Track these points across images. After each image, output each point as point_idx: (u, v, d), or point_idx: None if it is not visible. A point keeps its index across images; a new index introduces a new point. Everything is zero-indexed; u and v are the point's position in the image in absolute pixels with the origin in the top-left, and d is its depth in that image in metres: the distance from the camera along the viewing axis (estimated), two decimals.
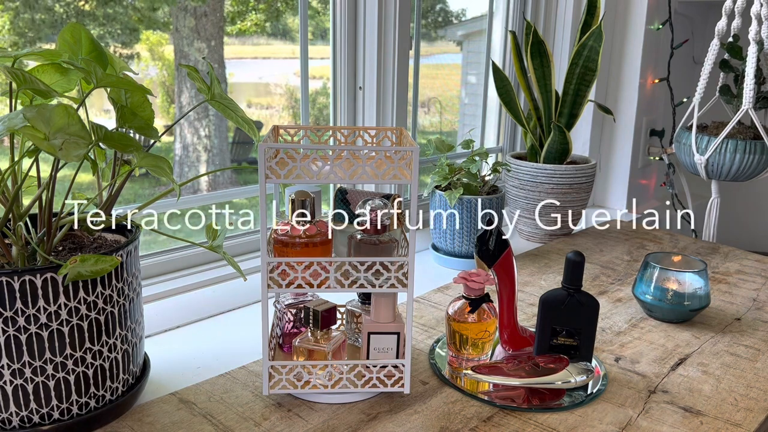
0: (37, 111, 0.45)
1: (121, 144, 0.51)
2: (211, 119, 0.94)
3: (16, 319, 0.48)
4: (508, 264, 0.67)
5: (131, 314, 0.55)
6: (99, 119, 0.51)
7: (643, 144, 1.48)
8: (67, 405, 0.51)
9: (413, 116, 1.14)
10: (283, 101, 1.05)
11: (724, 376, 0.66)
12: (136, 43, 0.82)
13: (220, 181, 0.96)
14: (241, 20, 0.93)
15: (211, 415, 0.56)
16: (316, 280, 0.55)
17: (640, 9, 1.35)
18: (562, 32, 1.34)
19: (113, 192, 0.56)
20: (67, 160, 0.49)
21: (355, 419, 0.56)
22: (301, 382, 0.57)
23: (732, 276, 0.96)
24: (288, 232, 0.56)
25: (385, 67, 1.00)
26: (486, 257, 0.67)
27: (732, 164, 1.17)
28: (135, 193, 0.89)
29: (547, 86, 1.09)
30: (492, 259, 0.67)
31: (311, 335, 0.58)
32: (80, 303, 0.50)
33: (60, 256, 0.53)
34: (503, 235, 0.67)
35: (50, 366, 0.50)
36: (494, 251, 0.66)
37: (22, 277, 0.47)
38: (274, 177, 0.52)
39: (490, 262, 0.67)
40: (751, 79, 1.11)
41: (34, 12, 0.72)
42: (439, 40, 1.29)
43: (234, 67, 0.93)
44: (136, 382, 0.57)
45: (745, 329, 0.78)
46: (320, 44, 0.99)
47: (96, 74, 0.50)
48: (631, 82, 1.39)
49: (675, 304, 0.77)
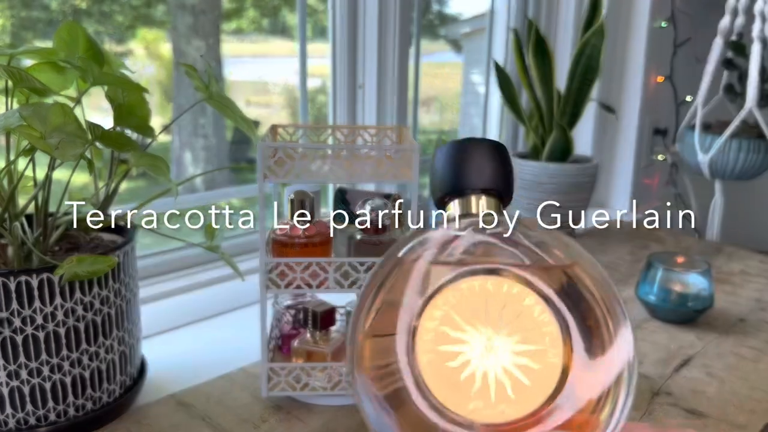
0: (34, 110, 0.45)
1: (117, 143, 0.51)
2: (210, 118, 0.93)
3: (12, 320, 0.47)
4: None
5: (128, 315, 0.55)
6: (94, 117, 0.51)
7: (647, 143, 1.47)
8: (64, 407, 0.51)
9: (414, 115, 1.13)
10: (282, 100, 1.05)
11: (728, 378, 0.65)
12: (131, 40, 0.81)
13: (219, 180, 0.96)
14: (238, 18, 0.92)
15: (209, 417, 0.55)
16: (315, 281, 0.54)
17: (642, 7, 1.35)
18: (564, 30, 1.34)
19: (110, 191, 0.55)
20: (64, 159, 0.48)
21: (355, 422, 0.55)
22: (300, 384, 0.56)
23: (736, 276, 0.96)
24: (287, 233, 0.56)
25: (386, 65, 0.99)
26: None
27: (736, 163, 1.16)
28: (133, 192, 0.88)
29: (549, 85, 1.08)
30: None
31: (310, 337, 0.57)
32: (77, 304, 0.49)
33: (56, 256, 0.53)
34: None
35: (46, 367, 0.49)
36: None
37: (18, 278, 0.46)
38: (272, 176, 0.51)
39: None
40: (755, 77, 1.11)
41: (30, 10, 0.71)
42: (441, 38, 1.28)
43: (232, 66, 0.92)
44: (134, 384, 0.57)
45: (749, 330, 0.77)
46: (320, 42, 0.99)
47: (93, 72, 0.50)
48: (634, 80, 1.39)
49: (678, 305, 0.76)
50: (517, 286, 0.21)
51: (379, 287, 0.22)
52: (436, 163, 0.24)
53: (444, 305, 0.21)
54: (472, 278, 0.21)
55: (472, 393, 0.20)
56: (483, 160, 0.23)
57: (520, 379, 0.20)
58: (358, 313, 0.22)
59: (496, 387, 0.20)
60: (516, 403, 0.20)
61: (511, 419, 0.20)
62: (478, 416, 0.20)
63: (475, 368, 0.20)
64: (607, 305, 0.21)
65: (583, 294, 0.21)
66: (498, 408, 0.20)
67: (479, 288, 0.21)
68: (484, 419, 0.20)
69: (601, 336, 0.21)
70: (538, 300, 0.21)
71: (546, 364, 0.20)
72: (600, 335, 0.21)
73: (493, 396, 0.20)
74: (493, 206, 0.23)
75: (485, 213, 0.23)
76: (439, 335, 0.21)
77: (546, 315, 0.21)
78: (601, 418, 0.20)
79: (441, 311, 0.21)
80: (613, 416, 0.21)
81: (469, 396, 0.20)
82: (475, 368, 0.20)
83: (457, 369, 0.20)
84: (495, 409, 0.20)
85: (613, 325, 0.21)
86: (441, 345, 0.21)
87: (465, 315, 0.21)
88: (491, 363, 0.20)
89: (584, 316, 0.21)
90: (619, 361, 0.21)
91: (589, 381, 0.20)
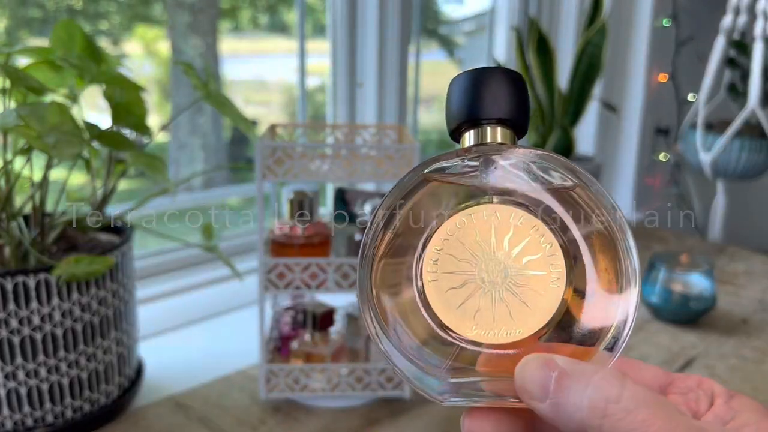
0: (31, 109, 0.44)
1: (114, 142, 0.50)
2: (208, 117, 0.93)
3: (9, 321, 0.47)
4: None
5: (126, 316, 0.55)
6: (91, 116, 0.50)
7: (649, 142, 1.46)
8: (62, 408, 0.50)
9: (414, 114, 1.13)
10: (281, 98, 1.04)
11: (730, 379, 0.64)
12: (129, 39, 0.81)
13: (217, 180, 0.95)
14: (233, 18, 0.91)
15: (207, 419, 0.55)
16: (315, 281, 0.54)
17: (645, 5, 1.34)
18: (566, 29, 1.33)
19: (108, 191, 0.55)
20: (61, 159, 0.48)
21: (355, 423, 0.55)
22: (300, 386, 0.56)
23: (739, 277, 0.95)
24: (286, 233, 0.55)
25: (386, 63, 0.99)
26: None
27: (738, 163, 1.15)
28: (133, 192, 0.88)
29: (551, 83, 1.08)
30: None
31: (309, 338, 0.57)
32: (74, 304, 0.49)
33: (54, 256, 0.52)
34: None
35: (44, 369, 0.49)
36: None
37: (15, 279, 0.46)
38: (271, 176, 0.51)
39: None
40: (758, 76, 1.10)
41: (26, 8, 0.71)
42: (441, 36, 1.28)
43: (231, 64, 0.91)
44: (131, 386, 0.56)
45: (751, 331, 0.76)
46: (320, 40, 0.98)
47: (90, 71, 0.49)
48: (636, 79, 1.38)
49: (681, 305, 0.76)
50: (524, 214, 0.22)
51: (399, 206, 0.22)
52: (450, 93, 0.24)
53: (451, 232, 0.22)
54: (480, 207, 0.22)
55: (474, 315, 0.21)
56: (498, 90, 0.23)
57: (522, 303, 0.21)
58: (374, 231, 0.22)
59: (497, 310, 0.21)
60: (517, 325, 0.21)
61: (513, 340, 0.21)
62: (480, 338, 0.21)
63: (478, 292, 0.22)
64: (612, 235, 0.22)
65: (593, 223, 0.22)
66: (500, 330, 0.21)
67: (487, 216, 0.22)
68: (484, 341, 0.21)
69: (606, 267, 0.22)
70: (543, 228, 0.22)
71: (548, 291, 0.21)
72: (605, 266, 0.22)
73: (494, 319, 0.21)
74: (508, 137, 0.23)
75: (499, 143, 0.23)
76: (444, 260, 0.22)
77: (552, 243, 0.22)
78: (601, 348, 0.21)
79: (447, 237, 0.22)
80: (615, 348, 0.22)
81: (472, 318, 0.21)
82: (477, 292, 0.22)
83: (460, 292, 0.22)
84: (497, 330, 0.21)
85: (620, 257, 0.22)
86: (445, 270, 0.22)
87: (470, 241, 0.22)
88: (494, 287, 0.22)
89: (592, 244, 0.22)
90: (625, 294, 0.21)
91: (593, 311, 0.21)
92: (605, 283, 0.22)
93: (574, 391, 0.19)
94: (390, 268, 0.22)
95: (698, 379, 0.22)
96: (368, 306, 0.22)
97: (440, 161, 0.23)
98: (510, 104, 0.23)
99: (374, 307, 0.22)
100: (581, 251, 0.22)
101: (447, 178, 0.23)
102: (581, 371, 0.19)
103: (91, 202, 0.55)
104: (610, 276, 0.22)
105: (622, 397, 0.18)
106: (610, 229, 0.22)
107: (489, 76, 0.23)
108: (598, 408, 0.19)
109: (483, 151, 0.23)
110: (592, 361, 0.21)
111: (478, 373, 0.22)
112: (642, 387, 0.19)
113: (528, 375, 0.20)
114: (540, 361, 0.20)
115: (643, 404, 0.18)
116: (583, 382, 0.19)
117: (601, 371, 0.19)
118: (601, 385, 0.19)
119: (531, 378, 0.20)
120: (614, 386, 0.19)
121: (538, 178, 0.22)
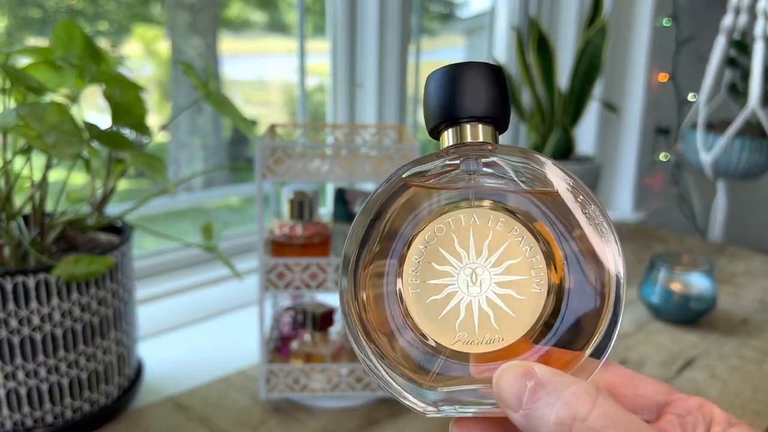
0: (31, 109, 0.44)
1: (114, 142, 0.50)
2: (208, 117, 0.93)
3: (9, 321, 0.47)
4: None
5: (126, 316, 0.54)
6: (91, 116, 0.50)
7: (649, 142, 1.46)
8: (61, 408, 0.50)
9: (414, 114, 1.13)
10: (281, 98, 1.04)
11: (731, 379, 0.64)
12: (129, 39, 0.81)
13: (217, 180, 0.95)
14: (230, 11, 0.91)
15: (207, 420, 0.55)
16: (314, 281, 0.53)
17: (645, 4, 1.34)
18: (566, 28, 1.33)
19: (107, 191, 0.55)
20: (61, 159, 0.48)
21: (355, 424, 0.55)
22: (300, 386, 0.56)
23: (739, 277, 0.95)
24: (286, 233, 0.55)
25: (386, 63, 0.98)
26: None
27: (739, 163, 1.15)
28: (133, 192, 0.88)
29: (551, 83, 1.08)
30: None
31: (309, 338, 0.57)
32: (74, 305, 0.49)
33: (53, 256, 0.52)
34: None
35: (44, 369, 0.49)
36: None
37: (15, 279, 0.46)
38: (271, 176, 0.51)
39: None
40: (759, 76, 1.10)
41: (26, 8, 0.71)
42: (442, 35, 1.28)
43: (231, 64, 0.91)
44: (131, 386, 0.56)
45: (752, 331, 0.76)
46: (320, 40, 0.98)
47: (90, 70, 0.49)
48: (637, 79, 1.38)
49: (681, 305, 0.75)
50: (504, 216, 0.21)
51: (379, 214, 0.22)
52: (426, 91, 0.23)
53: (430, 239, 0.21)
54: (459, 211, 0.21)
55: (456, 325, 0.21)
56: (476, 86, 0.22)
57: (504, 310, 0.21)
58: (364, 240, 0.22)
59: (479, 318, 0.21)
60: (500, 333, 0.21)
61: (496, 349, 0.21)
62: (462, 347, 0.21)
63: (460, 300, 0.21)
64: (598, 233, 0.21)
65: (571, 221, 0.21)
66: (483, 338, 0.21)
67: (465, 220, 0.21)
68: (468, 350, 0.21)
69: (588, 264, 0.21)
70: (523, 230, 0.21)
71: (530, 295, 0.21)
72: (587, 263, 0.21)
73: (476, 327, 0.21)
74: (489, 135, 0.23)
75: (480, 141, 0.22)
76: (424, 268, 0.21)
77: (533, 245, 0.21)
78: (586, 353, 0.21)
79: (426, 245, 0.21)
80: (603, 354, 0.21)
81: (454, 328, 0.21)
82: (459, 300, 0.21)
83: (441, 301, 0.21)
84: (479, 339, 0.21)
85: (600, 258, 0.21)
86: (426, 279, 0.21)
87: (450, 248, 0.21)
88: (475, 295, 0.21)
89: (571, 243, 0.21)
90: (606, 291, 0.21)
91: (577, 308, 0.21)
92: (589, 284, 0.21)
93: (544, 403, 0.19)
94: (371, 280, 0.22)
95: (700, 402, 0.22)
96: (350, 318, 0.22)
97: (420, 164, 0.22)
98: (488, 99, 0.22)
99: (355, 319, 0.21)
100: (564, 251, 0.21)
101: (426, 182, 0.22)
102: (556, 383, 0.19)
103: (91, 202, 0.55)
104: (594, 275, 0.21)
105: (591, 415, 0.18)
106: (594, 230, 0.21)
107: (465, 71, 0.22)
108: (565, 425, 0.18)
109: (462, 152, 0.22)
110: (576, 369, 0.21)
111: (464, 381, 0.21)
112: (615, 405, 0.18)
113: (504, 384, 0.20)
114: (518, 370, 0.19)
115: (611, 424, 0.18)
116: (554, 395, 0.18)
117: (575, 385, 0.19)
118: (571, 400, 0.18)
119: (507, 387, 0.19)
120: (584, 403, 0.18)
121: (518, 177, 0.22)
